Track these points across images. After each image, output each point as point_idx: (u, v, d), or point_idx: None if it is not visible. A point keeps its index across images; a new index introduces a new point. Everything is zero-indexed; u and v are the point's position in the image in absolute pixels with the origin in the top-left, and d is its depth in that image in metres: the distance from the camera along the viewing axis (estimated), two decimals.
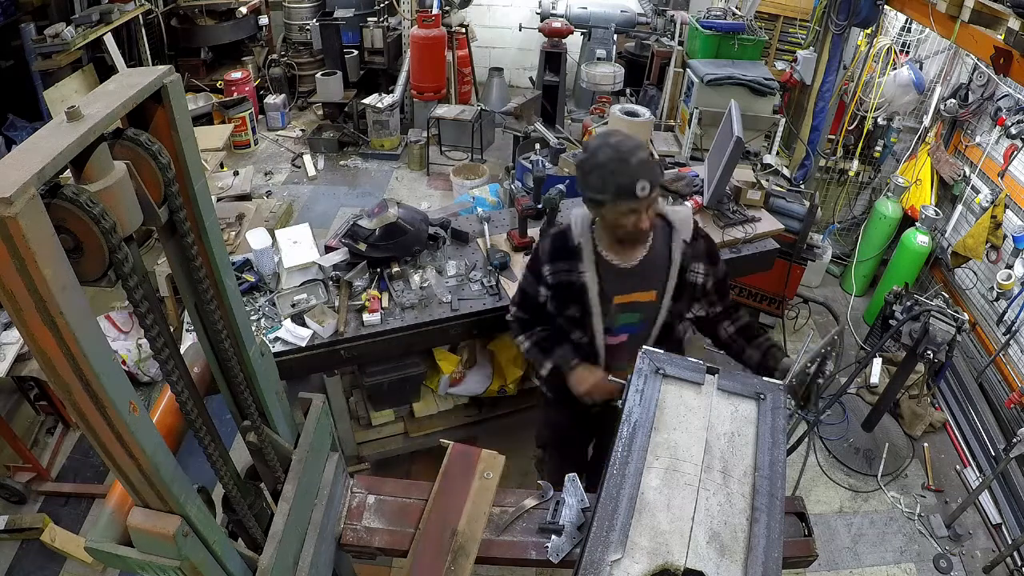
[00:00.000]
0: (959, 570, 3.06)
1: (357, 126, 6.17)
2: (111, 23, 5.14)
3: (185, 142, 1.04)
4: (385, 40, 6.18)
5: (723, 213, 2.95)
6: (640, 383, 1.63)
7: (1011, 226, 3.66)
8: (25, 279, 0.75)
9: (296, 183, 5.73)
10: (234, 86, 6.14)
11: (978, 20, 2.78)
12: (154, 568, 1.12)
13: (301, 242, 2.73)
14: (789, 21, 5.39)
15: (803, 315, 4.44)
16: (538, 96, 5.49)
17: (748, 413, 1.60)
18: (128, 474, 1.02)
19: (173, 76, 0.99)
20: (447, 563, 1.64)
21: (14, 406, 3.24)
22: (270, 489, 1.55)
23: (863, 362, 3.34)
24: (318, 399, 1.66)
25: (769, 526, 1.35)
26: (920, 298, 3.21)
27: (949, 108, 4.14)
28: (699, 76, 4.03)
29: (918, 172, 4.37)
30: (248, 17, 6.59)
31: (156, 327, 1.00)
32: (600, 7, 5.90)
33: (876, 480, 3.42)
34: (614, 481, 1.42)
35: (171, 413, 1.39)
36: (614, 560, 1.28)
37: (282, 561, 1.39)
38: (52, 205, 0.81)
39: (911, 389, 3.68)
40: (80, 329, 0.82)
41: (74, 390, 0.87)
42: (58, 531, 2.75)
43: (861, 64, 4.56)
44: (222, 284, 1.22)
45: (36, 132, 0.84)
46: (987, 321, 3.85)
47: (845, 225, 4.99)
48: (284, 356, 2.33)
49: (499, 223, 2.95)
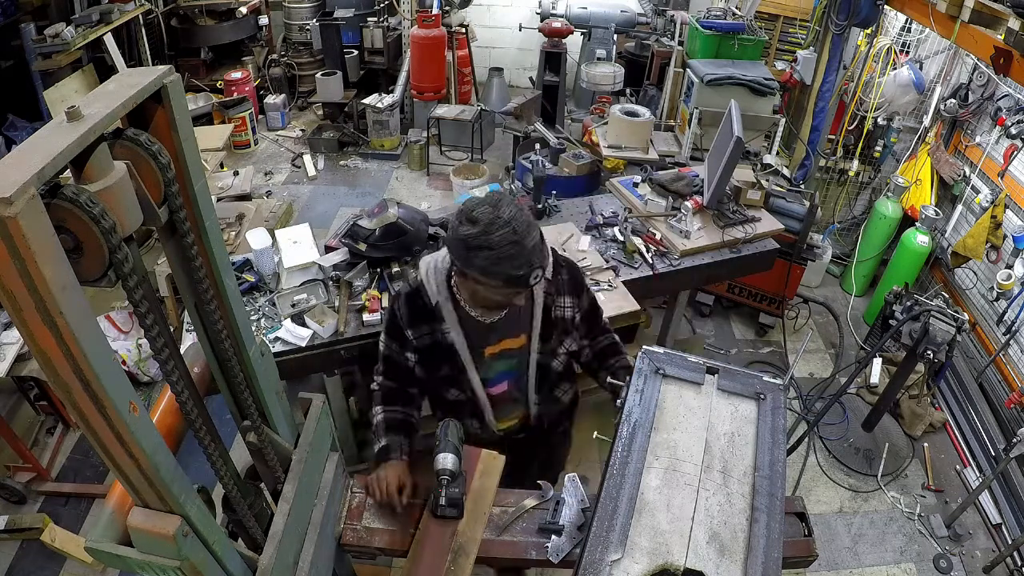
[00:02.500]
0: (959, 570, 3.06)
1: (357, 126, 6.18)
2: (111, 23, 5.14)
3: (185, 142, 1.04)
4: (385, 40, 6.19)
5: (723, 213, 2.95)
6: (640, 383, 1.63)
7: (1011, 226, 3.66)
8: (25, 279, 0.75)
9: (296, 183, 5.73)
10: (234, 86, 6.15)
11: (978, 20, 2.79)
12: (154, 568, 1.12)
13: (301, 242, 2.73)
14: (789, 21, 5.39)
15: (803, 315, 4.44)
16: (538, 96, 5.50)
17: (748, 413, 1.60)
18: (128, 474, 1.02)
19: (173, 76, 0.98)
20: (447, 563, 1.64)
21: (14, 406, 3.24)
22: (270, 489, 1.55)
23: (863, 362, 3.34)
24: (318, 399, 1.66)
25: (769, 526, 1.35)
26: (920, 298, 3.21)
27: (949, 108, 4.14)
28: (699, 76, 4.03)
29: (918, 172, 4.37)
30: (248, 17, 6.59)
31: (156, 327, 1.00)
32: (600, 7, 5.90)
33: (876, 480, 3.42)
34: (614, 481, 1.42)
35: (171, 413, 1.39)
36: (614, 560, 1.28)
37: (282, 561, 1.39)
38: (52, 205, 0.81)
39: (911, 389, 3.68)
40: (80, 329, 0.82)
41: (74, 390, 0.87)
42: (58, 531, 2.75)
43: (861, 64, 4.56)
44: (222, 284, 1.22)
45: (36, 132, 0.84)
46: (987, 321, 3.85)
47: (845, 225, 4.99)
48: (284, 356, 2.33)
49: None
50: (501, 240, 1.48)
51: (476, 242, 1.49)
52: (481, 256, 1.50)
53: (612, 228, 2.93)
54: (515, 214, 1.51)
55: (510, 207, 1.53)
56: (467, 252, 1.52)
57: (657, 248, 2.82)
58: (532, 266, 1.53)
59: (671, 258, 2.80)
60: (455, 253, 1.58)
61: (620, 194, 3.18)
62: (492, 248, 1.48)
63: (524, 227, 1.51)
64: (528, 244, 1.51)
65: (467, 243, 1.51)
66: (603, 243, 2.86)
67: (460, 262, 1.57)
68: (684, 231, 2.85)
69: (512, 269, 1.51)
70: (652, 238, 2.86)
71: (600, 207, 3.09)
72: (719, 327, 4.36)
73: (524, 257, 1.51)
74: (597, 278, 2.61)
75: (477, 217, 1.51)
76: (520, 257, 1.50)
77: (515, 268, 1.51)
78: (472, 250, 1.51)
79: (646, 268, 2.74)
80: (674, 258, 2.80)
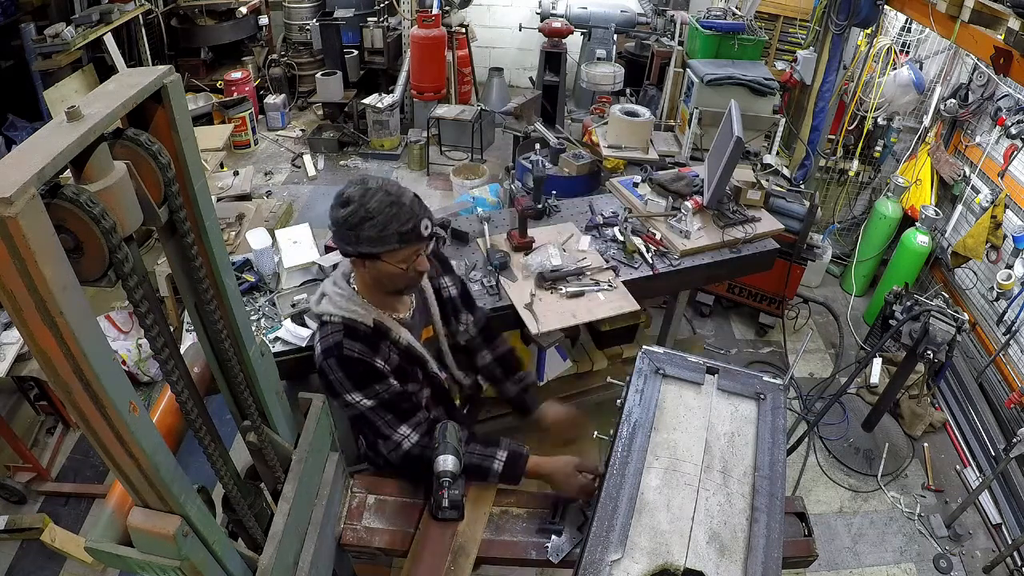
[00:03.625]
0: (959, 570, 3.06)
1: (357, 126, 6.18)
2: (111, 23, 5.14)
3: (185, 142, 1.04)
4: (385, 40, 6.19)
5: (723, 213, 2.95)
6: (640, 383, 1.63)
7: (1011, 226, 3.66)
8: (25, 279, 0.75)
9: (296, 183, 5.73)
10: (234, 86, 6.15)
11: (978, 20, 2.79)
12: (154, 568, 1.12)
13: (301, 242, 2.73)
14: (789, 21, 5.39)
15: (803, 315, 4.44)
16: (538, 96, 5.49)
17: (748, 413, 1.60)
18: (128, 474, 1.02)
19: (173, 76, 0.98)
20: (447, 563, 1.64)
21: (14, 406, 3.24)
22: (270, 489, 1.55)
23: (863, 362, 3.34)
24: (318, 399, 1.66)
25: (769, 526, 1.35)
26: (920, 298, 3.21)
27: (949, 108, 4.14)
28: (699, 76, 4.03)
29: (918, 172, 4.37)
30: (248, 17, 6.59)
31: (156, 327, 1.00)
32: (600, 7, 5.90)
33: (876, 480, 3.42)
34: (614, 481, 1.42)
35: (171, 413, 1.39)
36: (614, 560, 1.28)
37: (282, 561, 1.39)
38: (52, 205, 0.81)
39: (911, 389, 3.68)
40: (80, 329, 0.82)
41: (74, 390, 0.87)
42: (58, 531, 2.75)
43: (861, 64, 4.56)
44: (222, 284, 1.22)
45: (36, 132, 0.84)
46: (987, 321, 3.85)
47: (845, 225, 4.99)
48: (284, 356, 2.33)
49: (499, 223, 2.95)
50: (379, 205, 1.50)
51: (356, 217, 1.50)
52: (367, 227, 1.50)
53: (612, 228, 2.92)
54: (383, 183, 1.54)
55: (376, 179, 1.55)
56: (353, 232, 1.52)
57: (657, 248, 2.82)
58: (418, 216, 1.54)
59: (671, 258, 2.80)
60: (344, 241, 1.56)
61: (620, 194, 3.18)
62: (373, 216, 1.49)
63: (396, 188, 1.54)
64: (406, 200, 1.53)
65: (349, 222, 1.51)
66: (603, 243, 2.86)
67: (352, 245, 1.55)
68: (684, 231, 2.85)
69: (400, 226, 1.52)
70: (652, 238, 2.86)
71: (600, 207, 3.09)
72: (719, 327, 4.36)
73: (407, 211, 1.53)
74: (597, 278, 2.61)
75: (349, 196, 1.52)
76: (403, 212, 1.52)
77: (403, 224, 1.52)
78: (356, 228, 1.51)
79: (646, 268, 2.74)
80: (674, 258, 2.80)
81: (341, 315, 1.63)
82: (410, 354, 1.75)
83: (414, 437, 1.69)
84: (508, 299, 2.51)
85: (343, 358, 1.61)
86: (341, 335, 1.62)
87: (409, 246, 1.56)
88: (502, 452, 1.75)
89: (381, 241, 1.52)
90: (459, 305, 1.97)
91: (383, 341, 1.68)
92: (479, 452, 1.75)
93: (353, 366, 1.62)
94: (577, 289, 2.55)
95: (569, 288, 2.55)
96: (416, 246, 1.58)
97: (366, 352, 1.63)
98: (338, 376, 1.62)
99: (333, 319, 1.64)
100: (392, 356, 1.69)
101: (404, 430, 1.69)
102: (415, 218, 1.54)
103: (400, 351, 1.72)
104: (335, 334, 1.63)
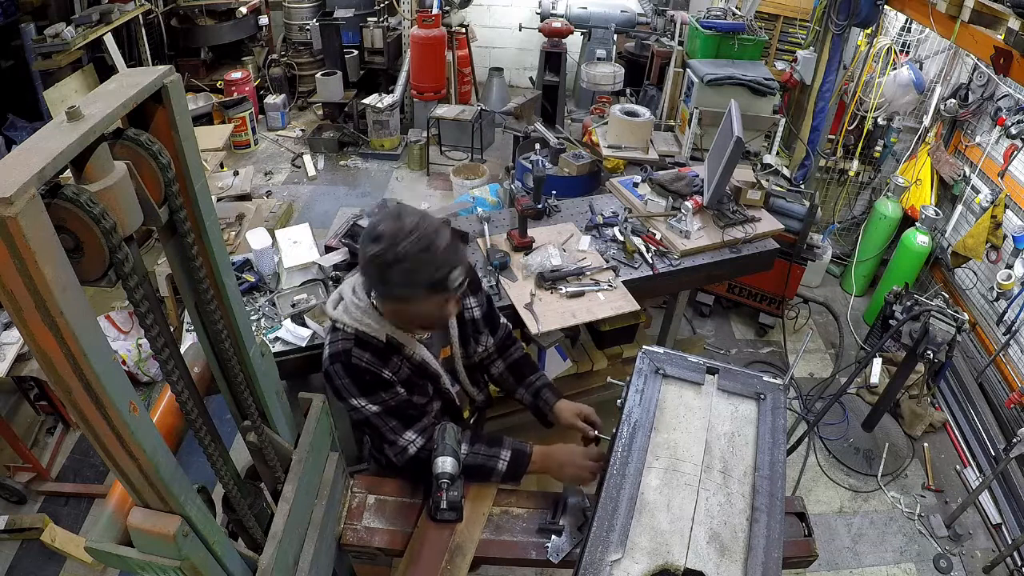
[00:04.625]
0: (959, 570, 3.06)
1: (357, 126, 6.18)
2: (111, 23, 5.14)
3: (185, 142, 1.04)
4: (385, 40, 6.19)
5: (723, 213, 2.95)
6: (640, 383, 1.63)
7: (1011, 226, 3.66)
8: (25, 279, 0.75)
9: (296, 183, 5.74)
10: (234, 86, 6.15)
11: (978, 20, 2.79)
12: (154, 568, 1.12)
13: (301, 242, 2.73)
14: (789, 21, 5.39)
15: (803, 315, 4.44)
16: (538, 96, 5.50)
17: (748, 413, 1.60)
18: (128, 474, 1.02)
19: (173, 76, 0.98)
20: (443, 562, 1.64)
21: (14, 406, 3.24)
22: (270, 489, 1.55)
23: (863, 362, 3.34)
24: (318, 399, 1.66)
25: (769, 526, 1.35)
26: (920, 298, 3.21)
27: (949, 108, 4.14)
28: (699, 76, 4.03)
29: (918, 172, 4.37)
30: (248, 17, 6.59)
31: (156, 327, 1.00)
32: (600, 7, 5.90)
33: (876, 480, 3.42)
34: (614, 481, 1.42)
35: (171, 413, 1.39)
36: (614, 560, 1.28)
37: (282, 561, 1.39)
38: (52, 205, 0.81)
39: (911, 389, 3.68)
40: (80, 329, 0.82)
41: (74, 390, 0.87)
42: (58, 531, 2.75)
43: (861, 64, 4.56)
44: (222, 284, 1.22)
45: (36, 132, 0.84)
46: (987, 321, 3.85)
47: (845, 225, 4.99)
48: (284, 356, 2.33)
49: (499, 223, 2.95)
50: (408, 250, 1.43)
51: (384, 259, 1.44)
52: (395, 272, 1.44)
53: (612, 228, 2.92)
54: (418, 221, 1.46)
55: (412, 216, 1.48)
56: (380, 272, 1.47)
57: (657, 248, 2.82)
58: (450, 265, 1.48)
59: (671, 258, 2.80)
60: (370, 277, 1.54)
61: (620, 194, 3.18)
62: (402, 260, 1.43)
63: (430, 231, 1.46)
64: (440, 246, 1.46)
65: (377, 262, 1.45)
66: (603, 243, 2.86)
67: (379, 286, 1.52)
68: (684, 231, 2.85)
69: (430, 276, 1.46)
70: (652, 238, 2.86)
71: (600, 207, 3.09)
72: (719, 327, 4.36)
73: (439, 261, 1.46)
74: (597, 278, 2.61)
75: (381, 232, 1.45)
76: (434, 262, 1.45)
77: (433, 273, 1.46)
78: (383, 269, 1.45)
79: (646, 268, 2.74)
80: (674, 258, 2.80)
81: (355, 326, 1.60)
82: (423, 370, 1.72)
83: (420, 442, 1.68)
84: (508, 299, 2.51)
85: (350, 365, 1.60)
86: (351, 344, 1.61)
87: (436, 295, 1.51)
88: (505, 451, 1.76)
89: (408, 287, 1.47)
90: (481, 327, 1.91)
91: (395, 355, 1.65)
92: (484, 452, 1.75)
93: (360, 374, 1.61)
94: (577, 289, 2.55)
95: (569, 288, 2.55)
96: (444, 295, 1.52)
97: (375, 363, 1.61)
98: (344, 382, 1.62)
99: (346, 328, 1.62)
100: (403, 369, 1.67)
101: (410, 435, 1.68)
102: (446, 267, 1.46)
103: (413, 365, 1.69)
104: (345, 341, 1.61)
